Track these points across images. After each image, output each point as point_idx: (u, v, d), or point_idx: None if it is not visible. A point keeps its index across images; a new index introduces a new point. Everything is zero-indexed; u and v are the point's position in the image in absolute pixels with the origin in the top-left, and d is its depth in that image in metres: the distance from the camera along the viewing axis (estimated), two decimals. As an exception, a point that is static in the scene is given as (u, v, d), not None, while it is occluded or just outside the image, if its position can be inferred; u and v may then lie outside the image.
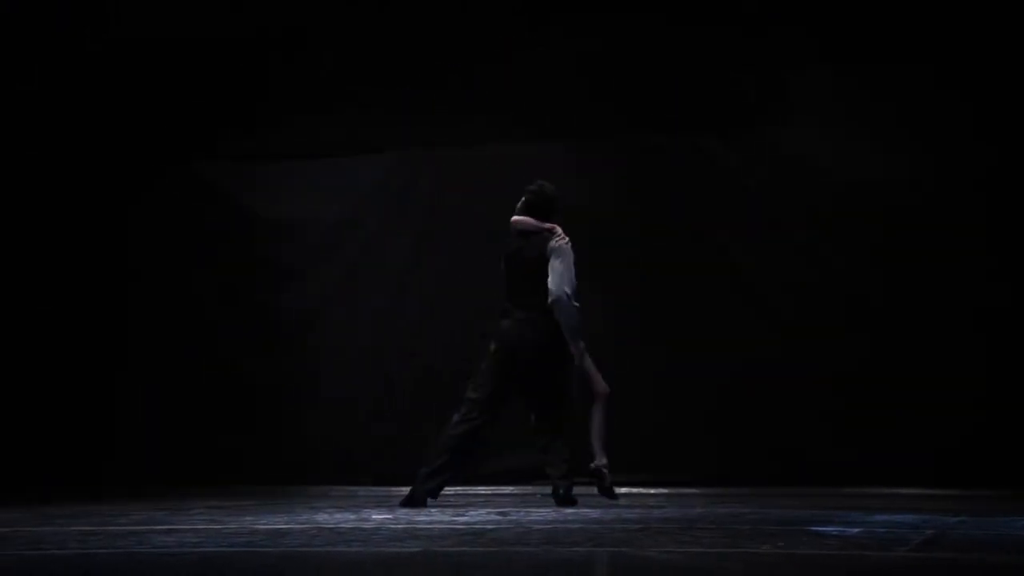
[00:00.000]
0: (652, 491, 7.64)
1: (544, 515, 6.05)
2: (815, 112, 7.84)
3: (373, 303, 8.52)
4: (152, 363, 8.77)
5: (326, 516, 5.90)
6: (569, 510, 6.33)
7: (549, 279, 6.40)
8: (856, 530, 5.15)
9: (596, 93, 8.15)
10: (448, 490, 7.85)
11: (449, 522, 5.73)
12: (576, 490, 6.72)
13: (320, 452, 8.43)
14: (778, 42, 7.84)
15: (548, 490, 7.78)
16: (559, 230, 6.48)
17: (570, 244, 6.50)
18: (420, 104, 8.44)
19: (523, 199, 6.57)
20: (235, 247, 8.80)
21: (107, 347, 8.79)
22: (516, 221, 6.53)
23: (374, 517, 5.98)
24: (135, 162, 8.85)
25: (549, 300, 6.39)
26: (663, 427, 7.80)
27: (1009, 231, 7.40)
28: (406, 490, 8.00)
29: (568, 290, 6.40)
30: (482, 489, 7.87)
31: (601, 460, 6.78)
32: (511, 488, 7.95)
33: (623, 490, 7.74)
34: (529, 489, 7.83)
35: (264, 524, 5.68)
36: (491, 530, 5.33)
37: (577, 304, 6.46)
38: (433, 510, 6.45)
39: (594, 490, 6.92)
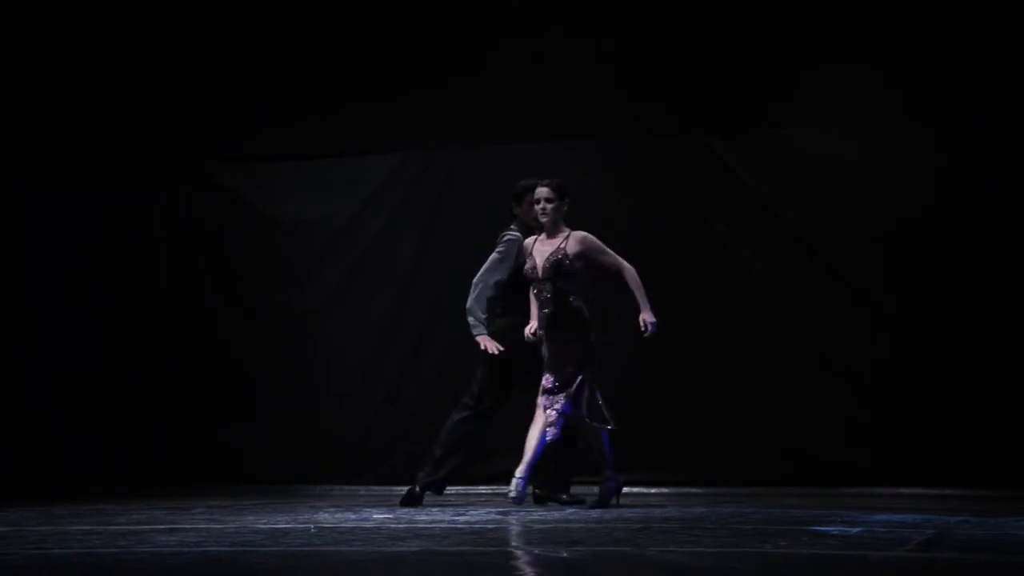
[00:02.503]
0: (653, 490, 7.64)
1: (545, 514, 6.07)
2: (826, 111, 7.79)
3: (378, 303, 8.51)
4: (155, 362, 8.76)
5: (327, 515, 5.92)
6: (570, 509, 6.34)
7: None
8: (857, 530, 5.16)
9: (603, 92, 8.12)
10: (449, 490, 7.87)
11: (450, 522, 5.74)
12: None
13: (322, 452, 8.43)
14: (787, 39, 7.80)
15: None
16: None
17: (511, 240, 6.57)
18: (426, 104, 8.42)
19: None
20: (240, 247, 8.79)
21: (111, 346, 8.78)
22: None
23: (375, 517, 6.00)
24: (141, 162, 8.84)
25: None
26: (668, 426, 7.79)
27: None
28: (407, 489, 8.02)
29: (476, 280, 6.62)
30: (483, 489, 7.88)
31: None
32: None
33: (624, 489, 7.74)
34: (530, 489, 7.83)
35: (265, 523, 5.70)
36: (492, 529, 5.35)
37: (492, 294, 6.57)
38: (434, 509, 6.47)
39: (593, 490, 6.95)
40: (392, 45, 8.49)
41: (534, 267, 6.46)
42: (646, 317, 6.42)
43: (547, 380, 6.32)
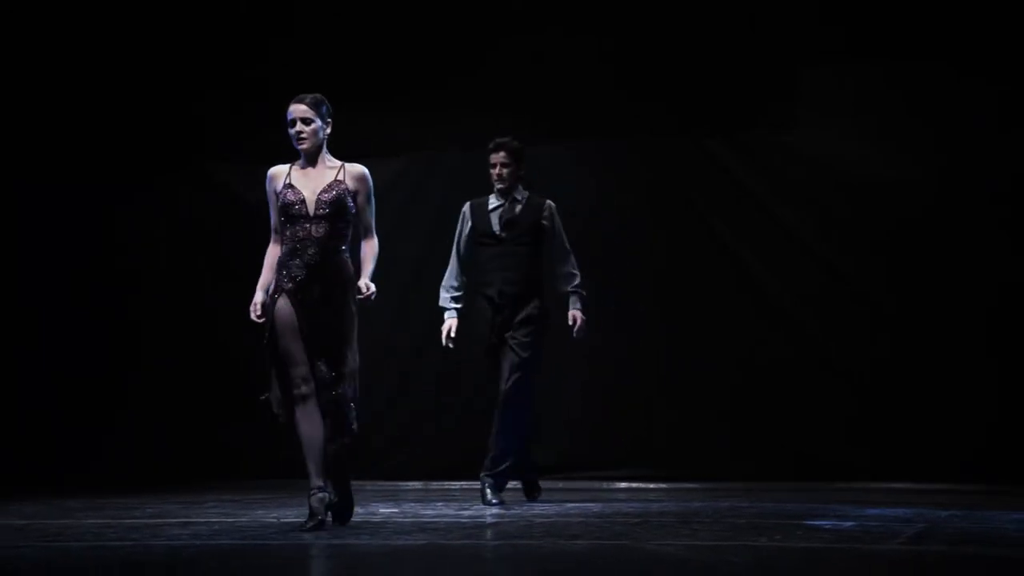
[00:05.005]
0: (651, 485, 7.74)
1: (546, 509, 6.18)
2: (826, 111, 7.84)
3: (383, 302, 8.56)
4: (156, 361, 8.81)
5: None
6: (569, 505, 6.44)
7: None
8: (849, 523, 5.27)
9: (603, 92, 8.16)
10: (452, 484, 7.98)
11: (454, 516, 5.85)
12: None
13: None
14: (787, 39, 7.86)
15: (550, 485, 7.89)
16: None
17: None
18: (425, 105, 8.48)
19: None
20: (245, 247, 8.84)
21: (117, 344, 8.85)
22: None
23: (381, 511, 6.11)
24: (141, 162, 8.89)
25: None
26: (666, 423, 7.88)
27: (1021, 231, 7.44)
28: (412, 484, 8.14)
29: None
30: (486, 484, 7.98)
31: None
32: (514, 483, 8.05)
33: (623, 484, 7.86)
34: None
35: (275, 517, 5.81)
36: (495, 523, 5.46)
37: None
38: (438, 504, 6.58)
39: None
40: (392, 46, 8.55)
41: (301, 201, 5.21)
42: (368, 282, 5.28)
43: (323, 368, 5.18)
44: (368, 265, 5.33)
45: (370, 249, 5.35)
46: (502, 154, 6.55)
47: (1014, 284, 7.39)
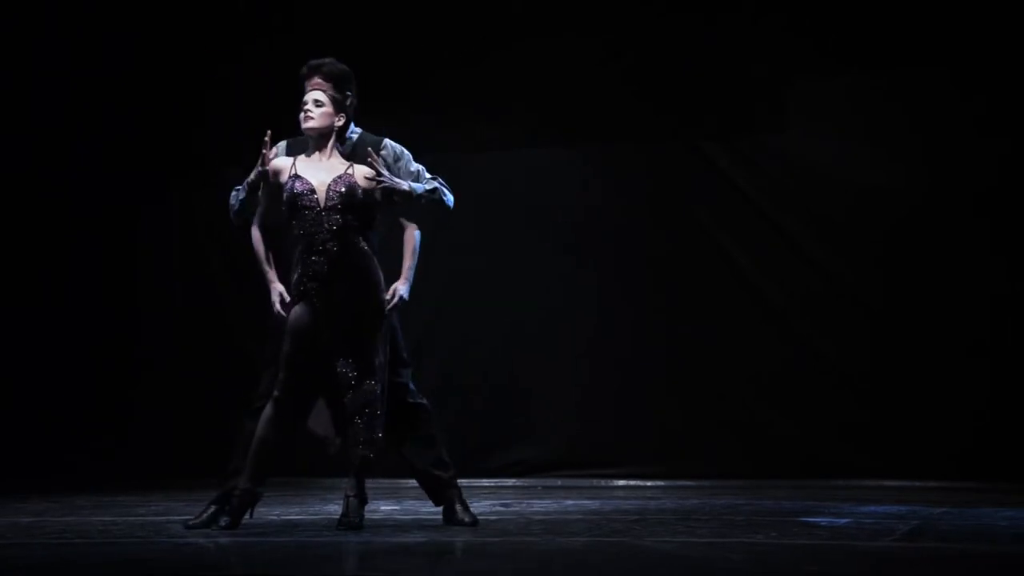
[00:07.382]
0: (649, 483, 7.80)
1: (545, 506, 6.25)
2: (820, 117, 7.90)
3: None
4: (170, 362, 8.89)
5: (336, 507, 6.08)
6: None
7: None
8: (845, 520, 5.35)
9: (602, 97, 8.21)
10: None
11: (454, 513, 5.91)
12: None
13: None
14: (783, 47, 7.92)
15: (550, 483, 7.97)
16: None
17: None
18: (424, 108, 8.52)
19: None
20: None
21: (127, 342, 8.91)
22: None
23: (382, 508, 6.17)
24: (159, 164, 8.95)
25: None
26: (666, 424, 7.95)
27: (1014, 235, 7.48)
28: (412, 482, 8.16)
29: None
30: (486, 482, 8.05)
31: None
32: (514, 480, 8.12)
33: (621, 482, 7.93)
34: (532, 481, 8.01)
35: (277, 515, 5.87)
36: (495, 521, 5.52)
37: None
38: (439, 501, 6.63)
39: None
40: (393, 49, 8.61)
41: (310, 191, 4.87)
42: (400, 288, 5.05)
43: (344, 367, 4.88)
44: (407, 261, 5.07)
45: (409, 240, 5.10)
46: (317, 81, 5.03)
47: (1003, 284, 7.45)
